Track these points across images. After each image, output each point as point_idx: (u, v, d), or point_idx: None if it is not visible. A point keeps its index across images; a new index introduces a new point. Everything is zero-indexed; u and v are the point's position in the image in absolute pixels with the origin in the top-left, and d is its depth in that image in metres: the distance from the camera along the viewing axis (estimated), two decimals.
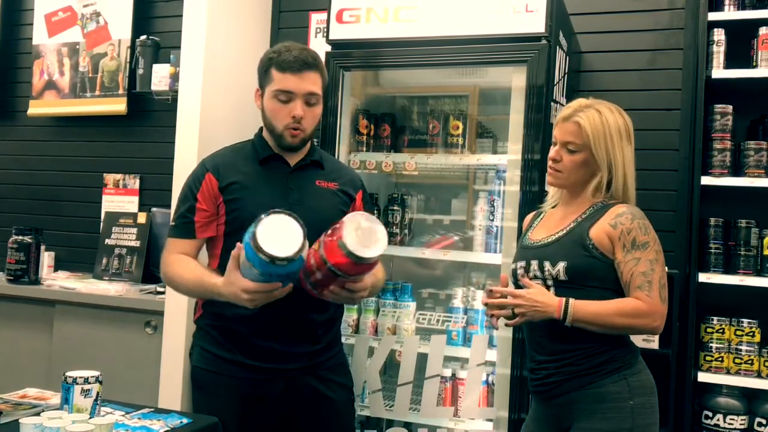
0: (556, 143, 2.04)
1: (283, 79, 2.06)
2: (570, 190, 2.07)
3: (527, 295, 1.93)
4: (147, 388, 3.07)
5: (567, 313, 1.88)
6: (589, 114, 1.98)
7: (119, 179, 3.93)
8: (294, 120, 2.06)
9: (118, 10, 3.89)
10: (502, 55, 2.57)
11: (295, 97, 2.06)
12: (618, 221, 1.92)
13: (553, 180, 2.06)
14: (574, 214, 2.02)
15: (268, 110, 2.11)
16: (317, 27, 3.58)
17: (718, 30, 2.72)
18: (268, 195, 2.07)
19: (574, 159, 2.00)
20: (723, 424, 2.64)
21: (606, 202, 2.00)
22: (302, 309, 2.06)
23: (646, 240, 1.91)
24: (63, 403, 1.78)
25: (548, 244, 2.01)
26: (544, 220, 2.15)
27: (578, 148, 1.99)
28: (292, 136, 2.09)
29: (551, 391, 1.98)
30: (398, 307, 2.79)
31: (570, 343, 1.93)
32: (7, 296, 3.52)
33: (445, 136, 2.87)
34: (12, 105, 4.26)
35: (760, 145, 2.68)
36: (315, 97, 2.09)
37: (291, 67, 2.05)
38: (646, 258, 1.90)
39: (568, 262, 1.93)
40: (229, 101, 3.24)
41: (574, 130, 1.99)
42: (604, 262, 1.93)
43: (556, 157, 2.03)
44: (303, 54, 2.07)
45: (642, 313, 1.88)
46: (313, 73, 2.08)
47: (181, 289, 2.12)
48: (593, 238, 1.93)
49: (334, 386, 2.16)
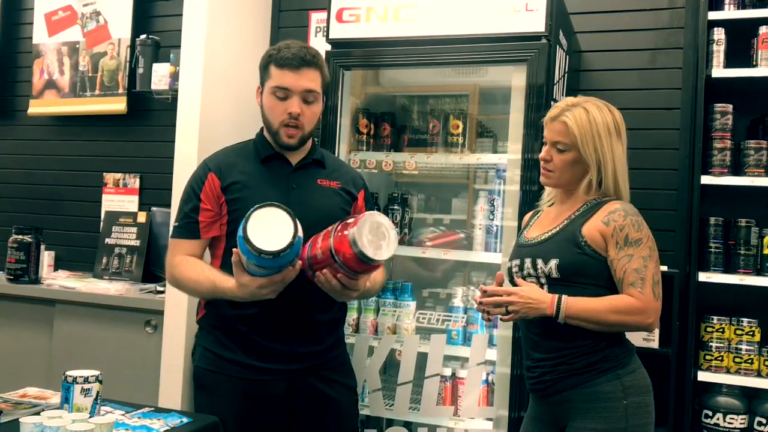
0: (546, 143, 2.04)
1: (280, 75, 2.05)
2: (564, 189, 2.07)
3: (520, 292, 1.94)
4: (147, 387, 3.07)
5: (559, 310, 1.89)
6: (576, 113, 1.98)
7: (119, 178, 3.93)
8: (290, 116, 2.06)
9: (118, 9, 3.89)
10: (502, 55, 2.57)
11: (292, 94, 2.06)
12: (610, 218, 1.92)
13: (546, 180, 2.07)
14: (568, 212, 2.03)
15: (265, 107, 2.12)
16: (317, 26, 3.58)
17: (718, 29, 2.72)
18: (270, 194, 2.06)
19: (564, 158, 2.00)
20: (723, 423, 2.64)
21: (600, 200, 2.00)
22: (305, 309, 2.06)
23: (639, 237, 1.91)
24: (63, 402, 1.78)
25: (541, 242, 2.02)
26: (540, 219, 2.15)
27: (567, 148, 1.99)
28: (289, 136, 2.08)
29: (546, 389, 1.99)
30: (398, 307, 2.79)
31: (564, 341, 1.94)
32: (7, 295, 3.52)
33: (445, 135, 2.87)
34: (12, 104, 4.26)
35: (760, 144, 2.68)
36: (313, 95, 2.09)
37: (289, 64, 2.04)
38: (639, 255, 1.90)
39: (560, 260, 1.93)
40: (229, 100, 3.24)
41: (562, 129, 1.99)
42: (597, 259, 1.93)
43: (546, 157, 2.03)
44: (302, 51, 2.07)
45: (635, 310, 1.88)
46: (311, 71, 2.07)
47: (192, 292, 2.13)
48: (585, 235, 1.93)
49: (336, 386, 2.16)
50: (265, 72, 2.11)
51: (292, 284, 2.03)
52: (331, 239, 1.85)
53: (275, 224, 1.79)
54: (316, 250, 1.89)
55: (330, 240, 1.85)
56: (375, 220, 1.84)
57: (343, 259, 1.82)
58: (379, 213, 1.91)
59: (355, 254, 1.80)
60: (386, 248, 1.84)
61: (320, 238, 1.90)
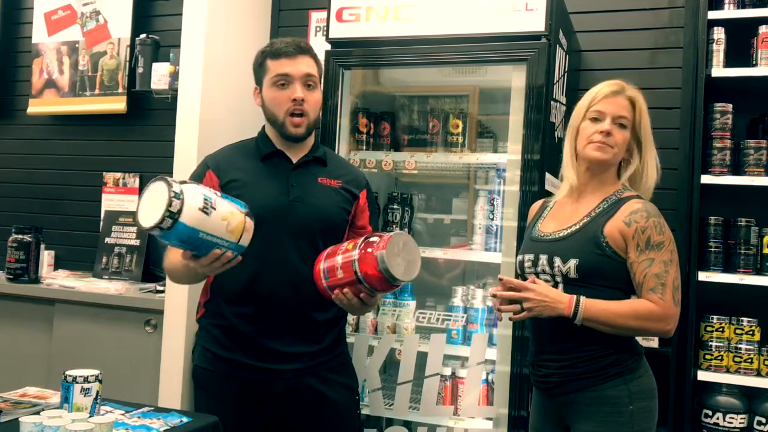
0: (602, 119, 1.95)
1: (278, 65, 2.08)
2: (597, 172, 2.00)
3: (537, 289, 1.87)
4: (147, 386, 3.07)
5: (578, 311, 1.83)
6: (638, 93, 1.98)
7: (119, 178, 3.93)
8: (295, 103, 2.06)
9: (117, 8, 3.89)
10: (501, 54, 2.57)
11: (293, 80, 2.07)
12: (632, 219, 1.88)
13: (602, 154, 1.95)
14: (588, 207, 1.98)
15: (268, 100, 2.12)
16: (317, 26, 3.58)
17: (718, 28, 2.71)
18: (269, 191, 2.07)
19: (625, 135, 1.96)
20: (722, 422, 2.64)
21: (619, 196, 1.96)
22: (304, 307, 2.06)
23: (661, 240, 1.87)
24: (63, 401, 1.77)
25: (559, 239, 1.96)
26: (554, 211, 2.09)
27: (628, 124, 1.96)
28: (295, 125, 2.08)
29: (551, 390, 1.97)
30: (398, 306, 2.79)
31: (574, 342, 1.90)
32: (6, 295, 3.52)
33: (445, 135, 2.87)
34: (11, 104, 4.25)
35: (760, 143, 2.68)
36: (313, 80, 2.10)
37: (285, 52, 2.07)
38: (660, 259, 1.85)
39: (580, 260, 1.88)
40: (228, 99, 3.24)
41: (628, 105, 1.96)
42: (617, 261, 1.88)
43: (609, 130, 1.94)
44: (293, 41, 2.11)
45: (655, 316, 1.84)
46: (307, 58, 2.10)
47: (177, 278, 2.11)
48: (607, 235, 1.89)
49: (335, 387, 2.15)
50: (261, 68, 2.12)
51: (290, 283, 2.03)
52: (355, 255, 1.83)
53: (156, 199, 1.70)
54: (335, 263, 1.87)
55: (353, 256, 1.83)
56: (403, 240, 1.83)
57: (365, 277, 1.81)
58: (406, 234, 1.90)
59: (380, 274, 1.79)
60: (412, 269, 1.84)
61: (339, 253, 1.88)
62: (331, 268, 1.89)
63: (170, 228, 1.69)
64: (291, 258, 2.04)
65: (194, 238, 1.74)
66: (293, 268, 2.05)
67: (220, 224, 1.78)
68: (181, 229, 1.70)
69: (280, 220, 2.02)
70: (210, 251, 1.77)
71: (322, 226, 2.08)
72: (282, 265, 2.02)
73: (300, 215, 2.06)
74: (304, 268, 2.03)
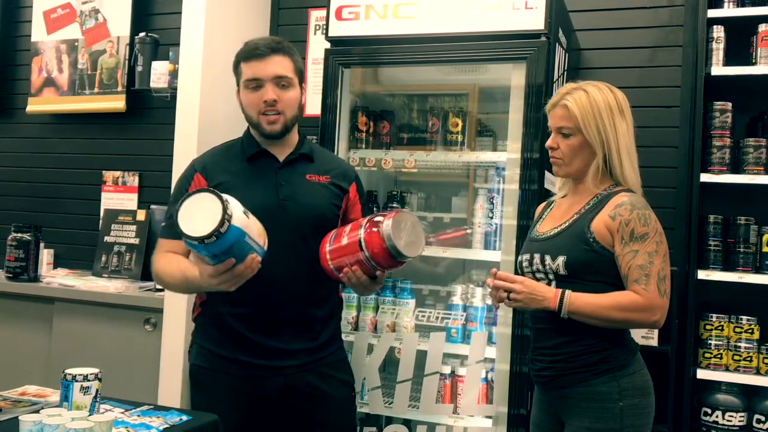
0: (552, 131, 2.02)
1: (249, 68, 2.08)
2: (575, 179, 2.04)
3: (527, 282, 1.92)
4: (146, 385, 3.07)
5: (562, 305, 1.87)
6: (576, 95, 1.96)
7: (118, 176, 3.93)
8: (266, 104, 2.06)
9: (117, 7, 3.89)
10: (501, 53, 2.57)
11: (263, 83, 2.07)
12: (617, 212, 1.89)
13: (557, 169, 2.03)
14: (578, 205, 2.00)
15: (242, 102, 2.14)
16: (316, 24, 3.58)
17: (718, 27, 2.72)
18: (257, 192, 2.06)
19: (569, 143, 1.98)
20: (722, 420, 2.64)
21: (610, 191, 1.97)
22: (300, 303, 2.07)
23: (645, 231, 1.88)
24: (62, 400, 1.77)
25: (550, 238, 1.99)
26: (552, 211, 2.12)
27: (571, 131, 1.97)
28: (269, 122, 2.08)
29: (545, 383, 2.00)
30: (397, 305, 2.79)
31: (567, 337, 1.93)
32: (6, 293, 3.52)
33: (445, 133, 2.86)
34: (11, 102, 4.25)
35: (760, 142, 2.68)
36: (285, 80, 2.08)
37: (255, 54, 2.07)
38: (645, 250, 1.86)
39: (568, 257, 1.91)
40: (228, 98, 3.20)
41: (564, 113, 1.97)
42: (605, 255, 1.90)
43: (552, 145, 2.01)
44: (266, 41, 2.10)
45: (639, 307, 1.85)
46: (279, 57, 2.08)
47: (170, 286, 2.11)
48: (594, 230, 1.91)
49: (334, 383, 2.16)
50: (237, 71, 2.14)
51: (285, 281, 2.04)
52: (361, 234, 1.86)
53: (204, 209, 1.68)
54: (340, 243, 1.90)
55: (359, 235, 1.86)
56: (405, 218, 1.87)
57: (372, 255, 1.85)
58: (410, 213, 1.94)
59: (386, 249, 1.82)
60: (416, 247, 1.88)
61: (345, 234, 1.92)
62: (337, 249, 1.93)
63: (225, 233, 1.65)
64: (284, 256, 2.03)
65: (240, 243, 1.71)
66: (287, 266, 2.04)
67: (257, 227, 1.80)
68: (233, 232, 1.67)
69: (272, 219, 2.01)
70: (247, 256, 1.76)
71: (313, 224, 2.08)
72: (276, 264, 2.02)
73: (291, 214, 2.06)
74: (298, 266, 2.04)
